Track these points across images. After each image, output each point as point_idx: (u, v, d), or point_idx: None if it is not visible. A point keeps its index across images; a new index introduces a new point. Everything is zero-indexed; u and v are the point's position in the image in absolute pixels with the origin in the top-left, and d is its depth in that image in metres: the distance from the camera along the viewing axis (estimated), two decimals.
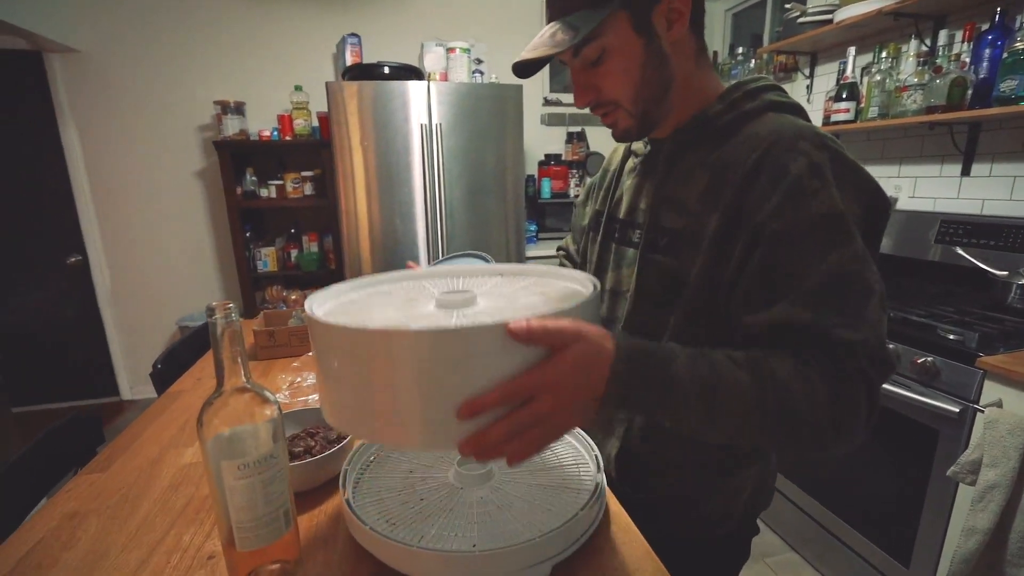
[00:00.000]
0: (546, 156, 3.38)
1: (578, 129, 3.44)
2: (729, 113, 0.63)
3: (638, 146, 0.77)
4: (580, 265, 0.91)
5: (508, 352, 0.43)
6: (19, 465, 0.88)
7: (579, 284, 0.59)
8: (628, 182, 0.76)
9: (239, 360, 0.52)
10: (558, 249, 1.03)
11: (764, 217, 0.55)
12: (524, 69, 0.66)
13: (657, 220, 0.68)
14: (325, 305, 0.57)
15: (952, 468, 1.21)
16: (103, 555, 0.63)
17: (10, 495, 0.85)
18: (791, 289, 0.53)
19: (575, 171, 3.39)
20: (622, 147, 0.83)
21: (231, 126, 2.80)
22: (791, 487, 1.80)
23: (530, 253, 2.94)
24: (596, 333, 0.47)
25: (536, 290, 0.60)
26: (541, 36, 0.61)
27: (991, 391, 1.19)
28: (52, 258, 2.95)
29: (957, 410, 1.23)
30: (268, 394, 0.55)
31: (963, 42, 1.64)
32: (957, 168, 1.80)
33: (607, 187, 0.81)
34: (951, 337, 1.30)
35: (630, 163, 0.78)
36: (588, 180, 0.93)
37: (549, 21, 0.62)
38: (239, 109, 2.83)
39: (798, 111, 0.65)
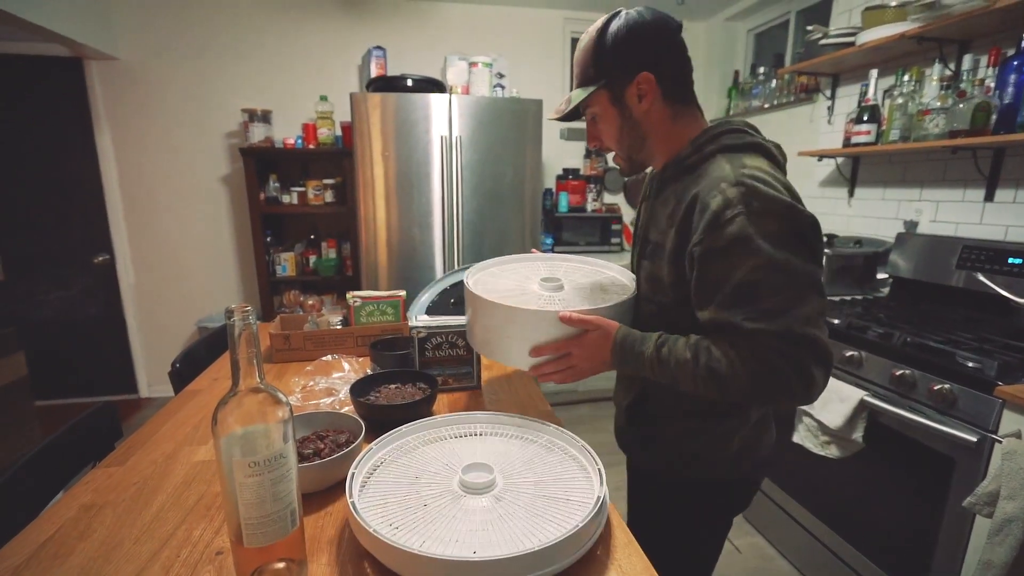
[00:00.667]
0: (564, 170, 3.40)
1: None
2: (694, 156, 0.81)
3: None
4: None
5: (560, 327, 0.81)
6: (41, 456, 0.91)
7: (625, 279, 1.01)
8: (643, 205, 0.98)
9: (254, 362, 0.54)
10: None
11: (693, 245, 0.74)
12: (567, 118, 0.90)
13: (647, 234, 0.89)
14: (475, 276, 1.00)
15: (968, 499, 1.18)
16: (117, 546, 0.65)
17: (32, 485, 0.88)
18: (714, 296, 0.72)
19: (593, 186, 3.41)
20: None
21: (257, 133, 2.88)
22: (803, 512, 1.76)
23: None
24: (609, 325, 0.81)
25: (600, 275, 1.04)
26: (563, 101, 0.88)
27: (1010, 421, 1.16)
28: (80, 257, 3.05)
29: (975, 439, 1.20)
30: (281, 396, 0.56)
31: (988, 67, 1.62)
32: (980, 193, 1.77)
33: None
34: (970, 364, 1.27)
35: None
36: None
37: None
38: (266, 117, 2.91)
39: (754, 148, 0.79)
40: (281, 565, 0.57)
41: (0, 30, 2.56)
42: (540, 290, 0.94)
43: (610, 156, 1.06)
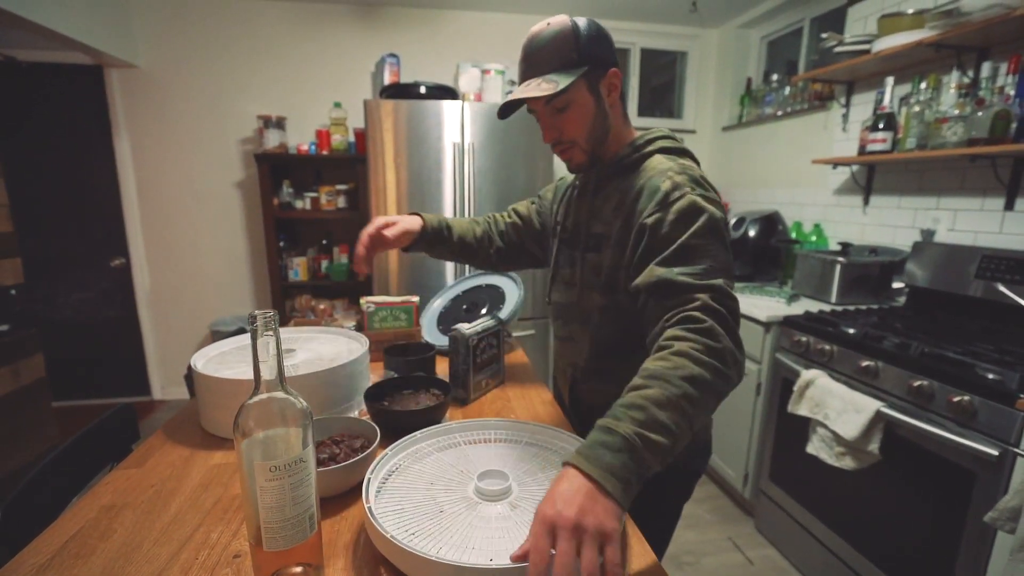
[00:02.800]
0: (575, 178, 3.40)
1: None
2: (632, 155, 0.89)
3: (577, 177, 1.03)
4: (534, 237, 1.21)
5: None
6: (65, 456, 0.92)
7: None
8: (573, 203, 1.03)
9: (276, 366, 0.54)
10: (512, 210, 1.28)
11: (644, 218, 0.80)
12: (504, 110, 0.89)
13: (589, 228, 0.95)
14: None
15: (990, 514, 1.15)
16: (136, 547, 0.65)
17: (55, 484, 0.90)
18: (655, 257, 0.77)
19: None
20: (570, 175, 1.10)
21: (271, 139, 2.91)
22: (818, 525, 1.74)
23: None
24: (550, 493, 0.54)
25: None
26: (527, 85, 0.84)
27: None
28: (98, 260, 3.10)
29: (996, 453, 1.18)
30: (301, 400, 0.57)
31: (1008, 75, 1.61)
32: (1000, 202, 1.75)
33: (561, 202, 1.09)
34: (990, 376, 1.25)
35: (570, 189, 1.06)
36: (554, 185, 1.19)
37: (525, 79, 0.86)
38: (280, 123, 2.95)
39: (681, 152, 0.89)
40: (299, 569, 0.58)
41: (25, 38, 2.62)
42: None
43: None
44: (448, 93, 2.65)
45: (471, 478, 0.74)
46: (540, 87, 0.81)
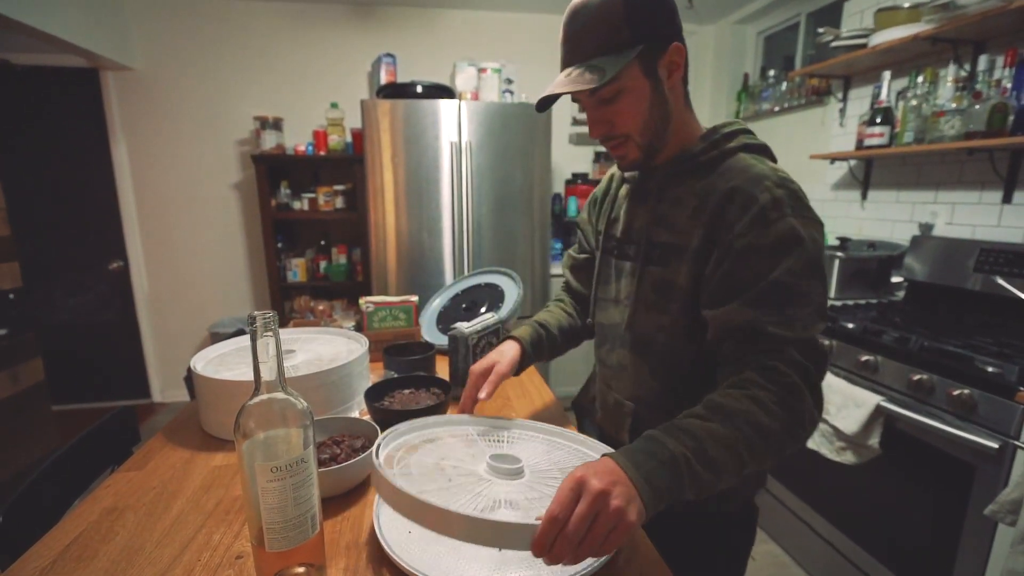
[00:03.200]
0: (573, 175, 3.40)
1: (605, 149, 3.46)
2: (710, 152, 0.75)
3: (630, 175, 0.88)
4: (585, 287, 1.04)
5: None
6: (65, 459, 0.92)
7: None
8: (623, 206, 0.88)
9: (276, 367, 0.54)
10: (565, 284, 1.11)
11: (733, 236, 0.68)
12: (543, 103, 0.77)
13: (652, 237, 0.79)
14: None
15: (990, 507, 1.16)
16: (139, 550, 0.65)
17: (56, 487, 0.90)
18: (741, 292, 0.66)
19: None
20: (614, 174, 0.96)
21: (269, 140, 2.91)
22: (819, 519, 1.74)
23: (554, 271, 2.95)
24: (584, 465, 0.54)
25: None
26: (568, 75, 0.71)
27: None
28: (96, 263, 3.10)
29: (996, 446, 1.18)
30: (301, 400, 0.57)
31: (1005, 68, 1.61)
32: (998, 195, 1.75)
33: (603, 209, 0.94)
34: (990, 369, 1.25)
35: (623, 190, 0.90)
36: (590, 200, 1.03)
37: (568, 65, 0.72)
38: (277, 124, 2.94)
39: (764, 150, 0.77)
40: (301, 570, 0.58)
41: (20, 42, 2.61)
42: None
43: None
44: (445, 92, 2.65)
45: (482, 460, 0.72)
46: (583, 77, 0.68)
